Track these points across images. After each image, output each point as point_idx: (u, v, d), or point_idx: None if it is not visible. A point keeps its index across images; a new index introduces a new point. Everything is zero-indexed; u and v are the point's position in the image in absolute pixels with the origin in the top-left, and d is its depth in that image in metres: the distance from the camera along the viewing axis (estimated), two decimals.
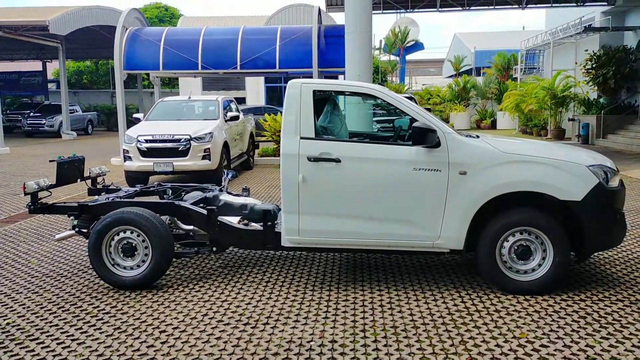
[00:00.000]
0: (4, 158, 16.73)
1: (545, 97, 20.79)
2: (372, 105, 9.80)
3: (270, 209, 5.11)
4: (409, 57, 42.68)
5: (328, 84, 5.05)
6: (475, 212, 4.43)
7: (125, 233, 4.73)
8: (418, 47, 40.77)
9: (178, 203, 5.14)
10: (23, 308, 4.39)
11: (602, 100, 19.51)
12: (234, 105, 13.03)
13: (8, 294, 4.71)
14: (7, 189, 10.62)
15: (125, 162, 10.22)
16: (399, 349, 3.55)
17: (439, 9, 20.99)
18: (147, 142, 9.99)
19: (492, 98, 29.92)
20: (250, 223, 5.20)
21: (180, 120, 11.15)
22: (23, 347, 3.69)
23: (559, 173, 4.42)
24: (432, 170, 4.47)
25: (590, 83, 19.38)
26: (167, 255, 4.73)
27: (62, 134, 25.44)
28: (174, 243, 4.97)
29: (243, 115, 13.38)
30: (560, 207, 4.49)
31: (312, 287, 4.79)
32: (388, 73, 40.02)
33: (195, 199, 5.44)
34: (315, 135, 4.65)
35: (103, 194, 5.91)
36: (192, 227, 5.15)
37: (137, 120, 11.67)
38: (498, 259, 4.48)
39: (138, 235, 4.72)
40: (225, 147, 10.81)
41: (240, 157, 12.73)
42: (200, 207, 5.11)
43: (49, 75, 36.00)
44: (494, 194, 4.41)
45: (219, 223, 4.98)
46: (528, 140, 5.59)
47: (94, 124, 30.06)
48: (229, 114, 11.82)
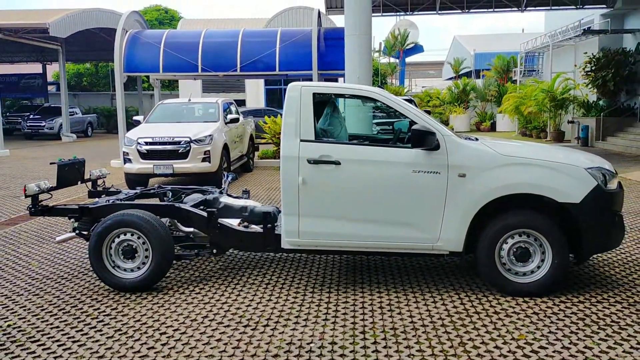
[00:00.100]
0: (4, 160, 16.74)
1: (545, 99, 20.83)
2: (371, 108, 9.82)
3: (270, 211, 5.13)
4: (409, 59, 42.80)
5: (328, 87, 5.08)
6: (475, 214, 4.45)
7: (126, 235, 4.75)
8: (417, 49, 40.90)
9: (178, 205, 5.16)
10: (24, 310, 4.40)
11: (601, 103, 19.53)
12: (234, 108, 13.05)
13: (9, 296, 4.73)
14: (7, 191, 10.63)
15: (125, 164, 10.23)
16: (399, 351, 3.57)
17: (439, 12, 21.06)
18: (147, 144, 10.00)
19: (491, 100, 29.96)
20: (250, 225, 5.22)
21: (180, 123, 11.16)
22: (24, 348, 3.71)
23: (558, 175, 4.44)
24: (431, 173, 4.48)
25: (590, 85, 19.42)
26: (167, 258, 4.75)
27: (61, 137, 25.46)
28: (174, 245, 4.98)
29: (243, 118, 13.40)
30: (559, 209, 4.51)
31: (311, 289, 4.80)
32: (388, 75, 40.07)
33: (196, 202, 5.45)
34: (315, 138, 4.66)
35: (103, 197, 5.93)
36: (192, 229, 5.17)
37: (137, 123, 11.70)
38: (497, 261, 4.50)
39: (138, 238, 4.74)
40: (225, 149, 10.83)
41: (240, 159, 12.76)
42: (201, 209, 5.13)
43: (49, 78, 36.10)
44: (493, 196, 4.42)
45: (219, 225, 4.99)
46: (527, 143, 5.60)
47: (94, 127, 30.07)
48: (229, 116, 11.83)
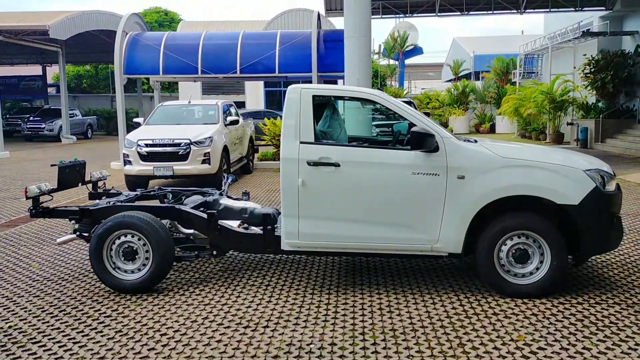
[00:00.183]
0: (4, 162, 16.75)
1: (544, 101, 20.87)
2: (371, 110, 9.85)
3: (270, 213, 5.14)
4: (408, 61, 42.85)
5: (327, 89, 5.10)
6: (474, 216, 4.47)
7: (126, 237, 4.76)
8: (417, 51, 40.96)
9: (178, 207, 5.18)
10: (25, 311, 4.42)
11: (600, 105, 19.57)
12: (234, 110, 13.07)
13: (10, 298, 4.74)
14: (7, 193, 10.64)
15: (125, 166, 10.24)
16: (398, 352, 3.59)
17: (438, 14, 21.09)
18: (147, 146, 10.01)
19: (491, 102, 30.01)
20: (250, 227, 5.24)
21: (180, 125, 11.18)
22: (25, 349, 3.72)
23: (556, 177, 4.46)
24: (430, 175, 4.50)
25: (589, 87, 19.46)
26: (167, 259, 4.77)
27: (61, 138, 25.48)
28: (175, 247, 5.00)
29: (243, 120, 13.42)
30: (558, 211, 4.53)
31: (311, 290, 4.82)
32: (387, 77, 40.11)
33: (196, 203, 5.47)
34: (315, 140, 4.68)
35: (104, 198, 5.95)
36: (192, 231, 5.19)
37: (137, 125, 11.72)
38: (496, 263, 4.52)
39: (139, 239, 4.75)
40: (225, 151, 10.85)
41: (240, 161, 12.78)
42: (201, 211, 5.15)
43: (49, 80, 36.11)
44: (492, 198, 4.44)
45: (219, 227, 5.01)
46: (526, 145, 5.62)
47: (94, 128, 30.08)
48: (229, 118, 11.85)
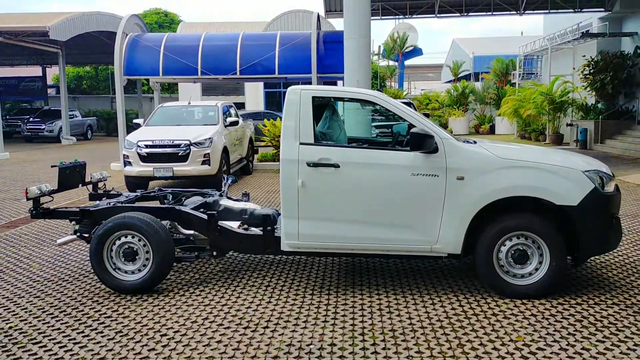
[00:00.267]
0: (4, 163, 16.75)
1: (544, 102, 20.88)
2: (370, 111, 9.86)
3: (270, 214, 5.16)
4: (408, 62, 42.85)
5: (327, 90, 5.11)
6: (473, 216, 4.48)
7: (127, 238, 4.77)
8: (417, 52, 40.96)
9: (179, 208, 5.19)
10: (25, 312, 4.43)
11: (599, 106, 19.60)
12: (234, 111, 13.09)
13: (10, 298, 4.75)
14: (7, 194, 10.65)
15: (125, 167, 10.25)
16: (398, 352, 3.60)
17: (437, 15, 21.11)
18: (147, 147, 10.03)
19: (490, 103, 30.01)
20: (250, 228, 5.25)
21: (180, 126, 11.20)
22: (26, 350, 3.73)
23: (555, 178, 4.47)
24: (430, 176, 4.52)
25: (588, 88, 19.48)
26: (167, 260, 4.78)
27: (61, 139, 25.48)
28: (175, 247, 5.01)
29: (242, 121, 13.44)
30: (557, 211, 4.54)
31: (311, 291, 4.83)
32: (387, 78, 40.10)
33: (196, 204, 5.49)
34: (315, 141, 4.70)
35: (104, 199, 5.95)
36: (192, 231, 5.19)
37: (137, 126, 11.73)
38: (495, 263, 4.53)
39: (139, 240, 4.77)
40: (225, 152, 10.86)
41: (240, 162, 12.79)
42: (201, 212, 5.16)
43: (49, 81, 36.12)
44: (491, 199, 4.46)
45: (219, 228, 5.02)
46: (525, 146, 5.64)
47: (94, 129, 30.07)
48: (229, 119, 11.87)
